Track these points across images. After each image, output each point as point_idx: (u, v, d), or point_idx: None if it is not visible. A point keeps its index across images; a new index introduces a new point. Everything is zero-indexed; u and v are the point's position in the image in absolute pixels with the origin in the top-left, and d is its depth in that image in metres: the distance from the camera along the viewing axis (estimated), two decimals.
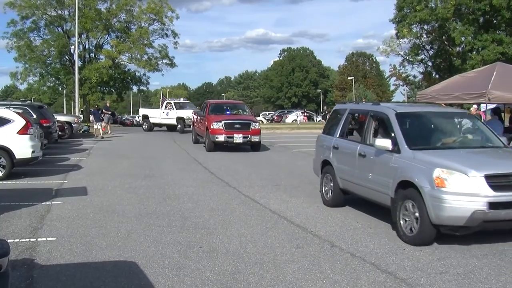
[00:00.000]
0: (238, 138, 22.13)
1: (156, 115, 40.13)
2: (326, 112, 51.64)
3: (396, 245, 7.65)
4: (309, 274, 6.32)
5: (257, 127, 23.00)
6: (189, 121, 32.32)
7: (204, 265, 6.60)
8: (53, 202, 10.73)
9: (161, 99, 44.20)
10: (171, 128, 38.59)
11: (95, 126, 33.02)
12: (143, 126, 41.30)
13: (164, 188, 12.79)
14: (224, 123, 22.42)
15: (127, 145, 26.84)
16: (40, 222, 8.94)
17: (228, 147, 22.89)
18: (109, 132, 36.08)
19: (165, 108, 38.86)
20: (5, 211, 9.69)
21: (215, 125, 22.17)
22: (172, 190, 12.44)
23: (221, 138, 22.16)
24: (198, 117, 25.62)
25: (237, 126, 22.48)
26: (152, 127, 40.35)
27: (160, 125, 39.83)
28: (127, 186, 12.97)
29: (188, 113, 34.83)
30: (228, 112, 25.01)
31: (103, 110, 37.56)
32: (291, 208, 10.36)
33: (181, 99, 47.55)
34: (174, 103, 39.21)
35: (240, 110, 26.22)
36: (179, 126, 36.88)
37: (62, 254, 7.07)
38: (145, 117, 41.49)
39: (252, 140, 22.51)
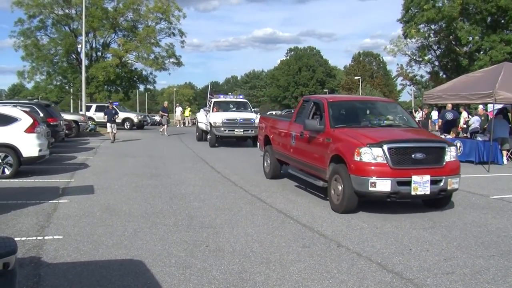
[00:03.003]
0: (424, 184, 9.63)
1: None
2: None
3: (403, 245, 7.64)
4: (315, 273, 6.32)
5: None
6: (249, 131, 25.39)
7: (210, 264, 6.61)
8: (60, 201, 10.77)
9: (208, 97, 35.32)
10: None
11: (108, 129, 28.38)
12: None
13: (171, 187, 12.81)
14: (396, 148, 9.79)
15: (133, 145, 26.87)
16: (47, 221, 8.96)
17: None
18: (166, 134, 34.70)
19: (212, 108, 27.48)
20: (12, 209, 9.73)
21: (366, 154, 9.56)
22: (178, 189, 12.45)
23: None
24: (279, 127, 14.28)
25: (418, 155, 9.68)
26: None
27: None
28: (133, 185, 13.00)
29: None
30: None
31: (160, 112, 37.26)
32: (298, 208, 10.36)
33: (230, 95, 34.94)
34: (214, 101, 28.33)
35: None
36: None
37: (69, 252, 7.09)
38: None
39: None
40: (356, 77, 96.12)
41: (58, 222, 8.90)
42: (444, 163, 9.76)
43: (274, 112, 53.69)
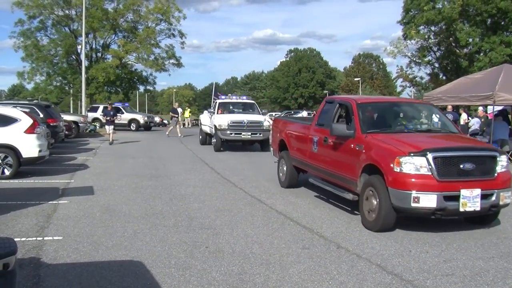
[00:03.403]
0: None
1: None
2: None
3: (403, 247, 7.64)
4: (315, 275, 6.32)
5: None
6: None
7: (210, 265, 6.61)
8: (59, 202, 10.77)
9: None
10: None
11: (107, 130, 27.79)
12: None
13: (171, 188, 12.81)
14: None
15: (133, 146, 26.87)
16: (47, 221, 8.96)
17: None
18: (180, 135, 33.66)
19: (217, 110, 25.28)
20: (12, 210, 9.73)
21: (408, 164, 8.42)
22: (178, 190, 12.45)
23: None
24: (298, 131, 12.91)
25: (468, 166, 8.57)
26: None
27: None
28: (133, 186, 13.00)
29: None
30: None
31: (171, 113, 36.68)
32: (298, 209, 10.36)
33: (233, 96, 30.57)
34: (219, 103, 26.19)
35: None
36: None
37: (69, 253, 7.09)
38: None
39: None
40: (356, 79, 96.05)
41: (57, 223, 8.90)
42: (496, 175, 8.57)
43: (274, 114, 53.67)
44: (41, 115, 20.90)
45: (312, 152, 11.44)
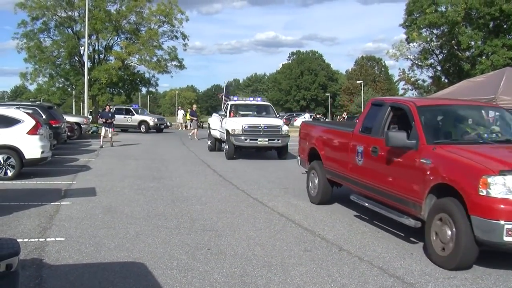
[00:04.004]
0: None
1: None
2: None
3: (404, 250, 7.64)
4: (316, 277, 6.32)
5: None
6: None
7: (212, 267, 6.61)
8: (62, 203, 10.78)
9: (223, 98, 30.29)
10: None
11: (103, 133, 26.87)
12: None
13: (173, 190, 12.82)
14: None
15: (135, 147, 26.89)
16: (49, 222, 8.98)
17: None
18: (196, 138, 32.97)
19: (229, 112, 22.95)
20: (15, 210, 9.74)
21: (499, 186, 6.55)
22: (180, 192, 12.46)
23: None
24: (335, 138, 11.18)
25: None
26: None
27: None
28: (135, 188, 13.01)
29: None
30: None
31: (189, 116, 36.28)
32: (299, 211, 10.37)
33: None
34: (231, 104, 23.55)
35: None
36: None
37: (71, 254, 7.10)
38: None
39: None
40: (358, 81, 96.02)
41: (60, 224, 8.91)
42: None
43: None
44: (44, 116, 20.91)
45: (355, 164, 9.53)
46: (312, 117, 65.15)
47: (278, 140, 20.83)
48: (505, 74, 17.77)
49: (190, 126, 37.77)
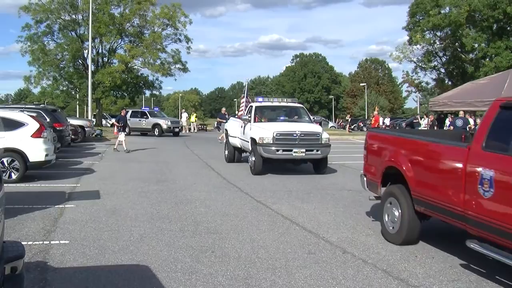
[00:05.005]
0: None
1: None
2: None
3: (408, 252, 7.62)
4: (321, 280, 6.32)
5: None
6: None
7: (216, 270, 6.61)
8: (66, 206, 10.80)
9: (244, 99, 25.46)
10: None
11: (119, 138, 25.79)
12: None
13: (177, 192, 12.83)
14: None
15: (139, 151, 26.90)
16: (53, 225, 8.99)
17: None
18: (220, 139, 30.52)
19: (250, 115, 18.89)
20: (19, 213, 9.75)
21: None
22: (184, 195, 12.47)
23: None
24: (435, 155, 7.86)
25: None
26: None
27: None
28: (139, 190, 13.03)
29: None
30: None
31: (218, 119, 35.87)
32: (303, 214, 10.35)
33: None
34: (255, 107, 19.29)
35: None
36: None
37: (75, 257, 7.11)
38: None
39: None
40: (361, 84, 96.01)
41: (64, 226, 8.92)
42: None
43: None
44: (48, 120, 20.99)
45: (476, 195, 6.44)
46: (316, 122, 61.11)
47: (317, 150, 16.68)
48: (509, 77, 17.71)
49: (219, 130, 36.99)
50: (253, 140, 17.06)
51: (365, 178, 9.52)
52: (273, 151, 16.39)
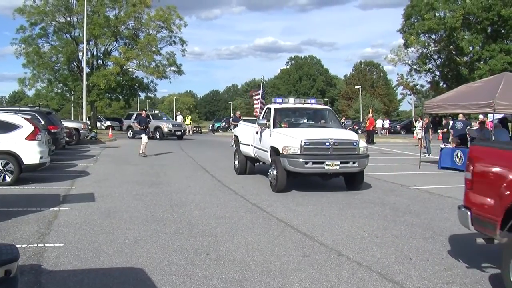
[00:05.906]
0: None
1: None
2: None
3: (403, 255, 7.63)
4: (315, 282, 6.32)
5: None
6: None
7: (211, 273, 6.61)
8: (60, 208, 10.77)
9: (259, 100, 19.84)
10: None
11: (143, 140, 24.49)
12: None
13: (171, 195, 12.82)
14: None
15: (134, 152, 26.85)
16: (48, 228, 8.97)
17: None
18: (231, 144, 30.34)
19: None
20: (13, 216, 9.73)
21: None
22: (179, 198, 12.46)
23: None
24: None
25: None
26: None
27: None
28: (134, 193, 13.01)
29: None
30: None
31: (231, 122, 34.99)
32: (298, 217, 10.35)
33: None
34: (275, 109, 15.74)
35: None
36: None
37: (70, 260, 7.09)
38: None
39: None
40: (356, 87, 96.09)
41: (58, 229, 8.90)
42: None
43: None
44: (42, 122, 20.96)
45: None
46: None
47: (353, 163, 13.49)
48: (503, 79, 17.80)
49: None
50: (274, 149, 14.05)
51: (469, 213, 6.53)
52: (300, 163, 13.17)
